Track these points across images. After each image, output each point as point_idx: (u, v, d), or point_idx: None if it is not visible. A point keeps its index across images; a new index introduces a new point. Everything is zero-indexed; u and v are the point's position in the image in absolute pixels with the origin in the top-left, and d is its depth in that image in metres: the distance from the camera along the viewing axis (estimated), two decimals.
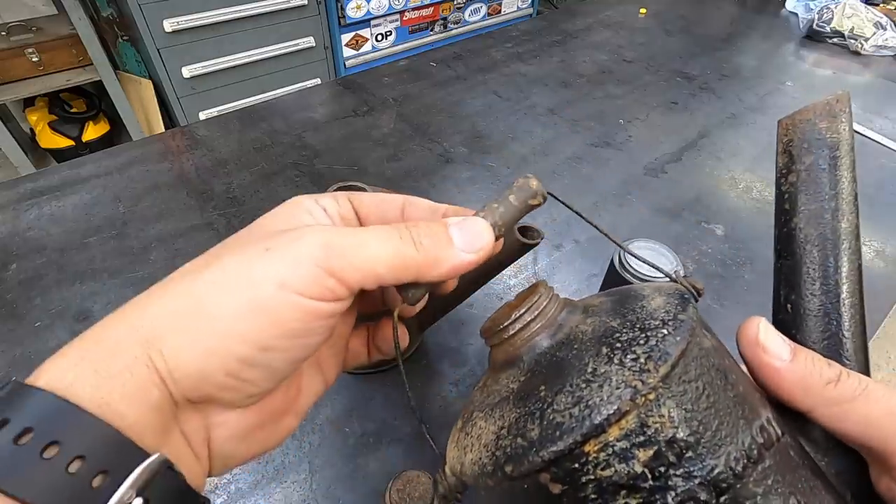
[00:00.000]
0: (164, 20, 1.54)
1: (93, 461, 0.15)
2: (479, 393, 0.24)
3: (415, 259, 0.19)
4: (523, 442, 0.18)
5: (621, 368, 0.17)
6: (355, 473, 0.41)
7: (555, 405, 0.18)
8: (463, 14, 2.22)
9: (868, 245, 0.64)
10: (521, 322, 0.22)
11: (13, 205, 0.67)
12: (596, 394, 0.17)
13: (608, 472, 0.16)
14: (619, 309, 0.21)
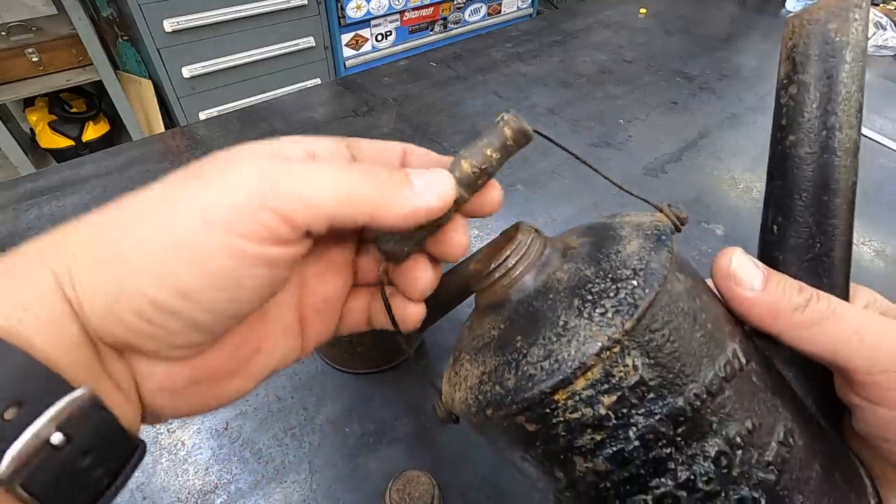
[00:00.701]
0: (164, 20, 1.54)
1: (4, 392, 0.13)
2: (466, 333, 0.24)
3: (368, 196, 0.17)
4: (501, 390, 0.19)
5: (589, 323, 0.18)
6: (355, 473, 0.41)
7: (528, 357, 0.19)
8: (463, 14, 2.22)
9: (868, 245, 0.64)
10: (503, 269, 0.22)
11: (13, 205, 0.67)
12: (564, 348, 0.18)
13: (576, 415, 0.18)
14: (595, 254, 0.21)
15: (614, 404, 0.18)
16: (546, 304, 0.20)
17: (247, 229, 0.15)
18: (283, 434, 0.44)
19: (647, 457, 0.18)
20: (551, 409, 0.18)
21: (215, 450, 0.43)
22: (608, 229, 0.22)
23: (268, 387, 0.47)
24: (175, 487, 0.40)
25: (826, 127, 0.20)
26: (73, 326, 0.15)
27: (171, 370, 0.17)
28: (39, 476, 0.13)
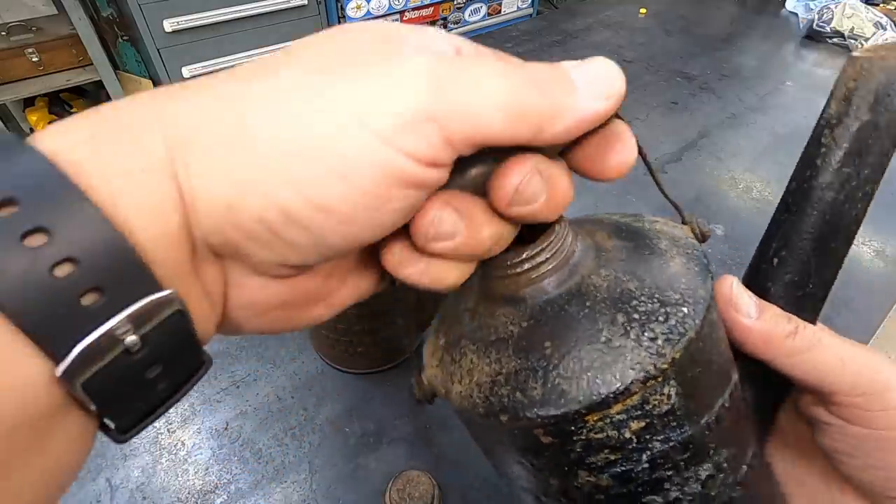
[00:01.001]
0: (164, 20, 1.54)
1: (88, 272, 0.11)
2: (468, 318, 0.21)
3: (536, 107, 0.13)
4: (523, 398, 0.18)
5: (637, 346, 0.17)
6: (355, 473, 0.41)
7: (561, 369, 0.18)
8: (463, 14, 2.22)
9: (868, 245, 0.64)
10: (532, 262, 0.19)
11: None
12: (608, 369, 0.17)
13: (599, 435, 0.18)
14: (636, 266, 0.20)
15: (641, 430, 0.18)
16: (583, 311, 0.18)
17: (409, 145, 0.13)
18: (283, 434, 0.44)
19: (649, 477, 0.18)
20: (578, 427, 0.18)
21: (215, 450, 0.43)
22: (643, 237, 0.21)
23: (268, 387, 0.47)
24: (175, 487, 0.40)
25: (859, 178, 0.20)
26: (175, 215, 0.12)
27: (268, 287, 0.15)
28: (103, 379, 0.11)
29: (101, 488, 0.40)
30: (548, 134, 0.14)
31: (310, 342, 0.50)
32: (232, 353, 0.50)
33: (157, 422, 0.44)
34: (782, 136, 0.84)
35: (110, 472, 0.41)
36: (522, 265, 0.19)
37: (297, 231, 0.13)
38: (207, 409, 0.45)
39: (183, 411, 0.45)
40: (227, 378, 0.48)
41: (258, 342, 0.51)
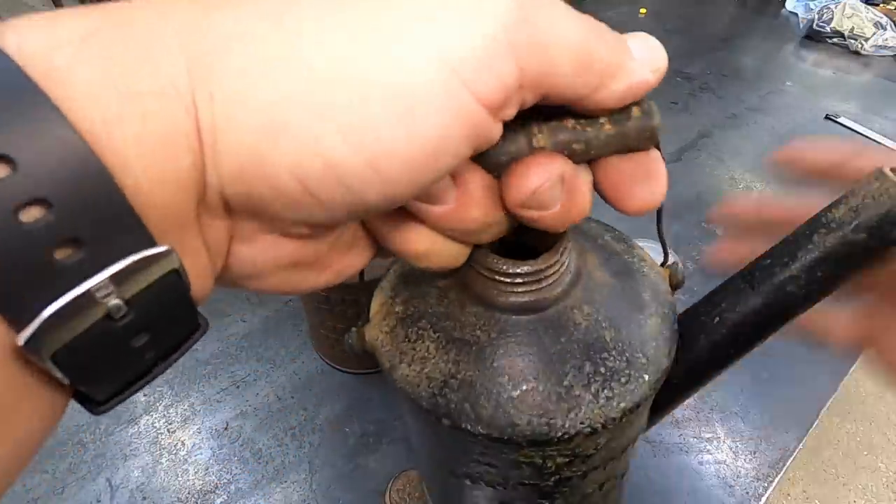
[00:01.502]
0: None
1: (62, 218, 0.09)
2: (435, 297, 0.21)
3: (603, 59, 0.12)
4: (471, 412, 0.18)
5: (594, 402, 0.18)
6: (355, 473, 0.41)
7: (517, 399, 0.18)
8: None
9: None
10: (525, 278, 0.19)
11: None
12: (561, 416, 0.18)
13: (525, 460, 0.19)
14: (617, 310, 0.20)
15: (563, 463, 0.20)
16: (555, 346, 0.19)
17: (482, 85, 0.11)
18: (283, 434, 0.44)
19: (550, 490, 0.22)
20: (507, 450, 0.19)
21: (215, 450, 0.43)
22: (630, 277, 0.21)
23: (268, 387, 0.47)
24: (175, 487, 0.40)
25: (823, 283, 0.19)
26: (187, 156, 0.10)
27: (279, 245, 0.13)
28: (78, 348, 0.09)
29: (101, 488, 0.40)
30: (605, 92, 0.12)
31: (310, 342, 0.50)
32: (232, 353, 0.50)
33: (158, 422, 0.44)
34: (782, 137, 0.84)
35: (110, 472, 0.41)
36: (515, 277, 0.19)
37: (335, 187, 0.11)
38: (207, 409, 0.45)
39: (183, 411, 0.45)
40: (227, 378, 0.48)
41: (258, 342, 0.51)
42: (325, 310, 0.41)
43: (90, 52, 0.09)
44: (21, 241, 0.08)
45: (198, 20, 0.10)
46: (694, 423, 0.45)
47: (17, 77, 0.08)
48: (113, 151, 0.09)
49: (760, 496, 0.40)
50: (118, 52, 0.09)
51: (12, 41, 0.08)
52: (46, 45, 0.09)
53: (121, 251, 0.09)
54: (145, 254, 0.09)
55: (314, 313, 0.43)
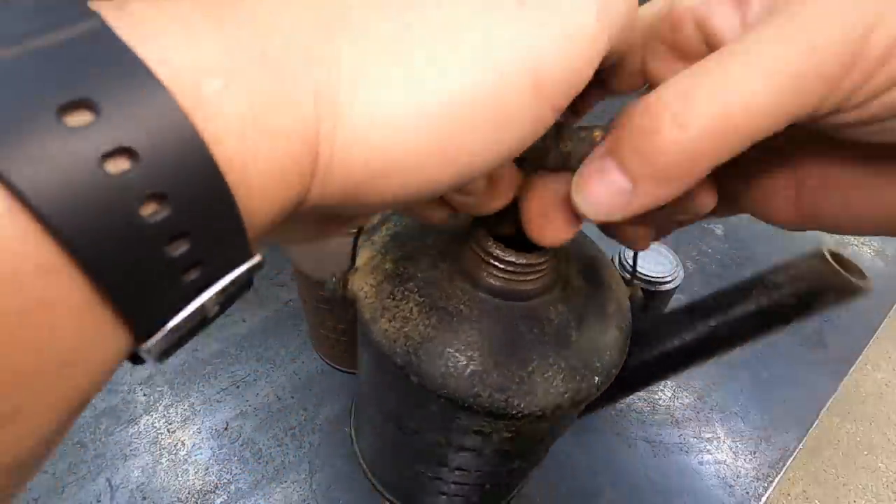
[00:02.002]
0: None
1: (196, 244, 0.09)
2: (427, 261, 0.22)
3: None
4: (439, 376, 0.20)
5: (547, 391, 0.20)
6: (355, 473, 0.41)
7: (482, 371, 0.20)
8: None
9: (868, 245, 0.64)
10: (519, 268, 0.20)
11: None
12: (520, 396, 0.20)
13: (475, 427, 0.22)
14: (585, 315, 0.22)
15: (505, 439, 0.22)
16: (530, 334, 0.21)
17: (561, 98, 0.11)
18: (283, 434, 0.44)
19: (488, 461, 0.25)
20: (462, 416, 0.21)
21: (215, 450, 0.43)
22: (602, 288, 0.24)
23: (268, 387, 0.47)
24: (175, 487, 0.40)
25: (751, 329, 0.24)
26: (299, 188, 0.10)
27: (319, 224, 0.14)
28: (175, 345, 0.10)
29: (101, 488, 0.40)
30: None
31: (310, 342, 0.50)
32: (232, 353, 0.50)
33: (158, 422, 0.44)
34: None
35: (110, 472, 0.41)
36: (507, 265, 0.20)
37: (412, 197, 0.11)
38: (207, 409, 0.45)
39: (183, 411, 0.45)
40: (227, 378, 0.48)
41: (258, 342, 0.51)
42: (325, 310, 0.41)
43: (237, 85, 0.09)
44: (159, 266, 0.08)
45: (322, 47, 0.10)
46: (694, 423, 0.45)
47: (169, 108, 0.08)
48: (243, 184, 0.09)
49: (760, 496, 0.40)
50: (260, 85, 0.09)
51: (153, 53, 0.08)
52: (193, 68, 0.08)
53: (230, 264, 0.09)
54: (247, 265, 0.10)
55: (314, 313, 0.43)
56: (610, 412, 0.46)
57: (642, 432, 0.44)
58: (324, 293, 0.39)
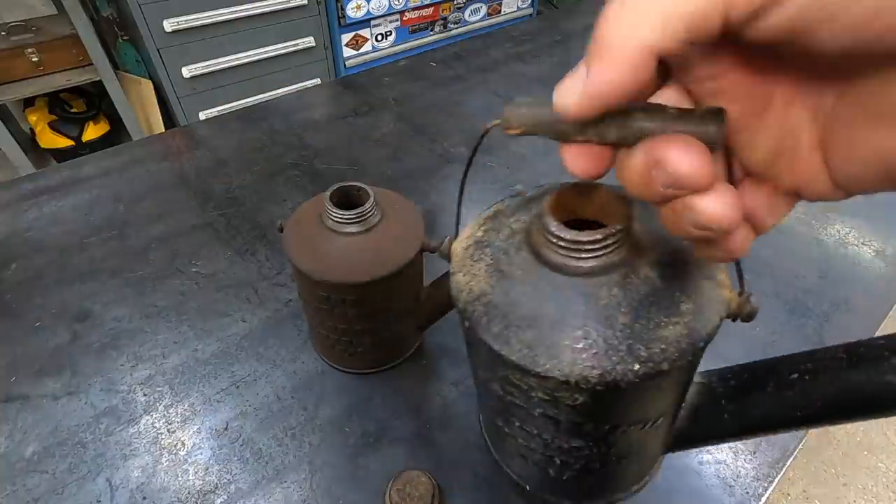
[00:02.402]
0: (164, 20, 1.54)
1: None
2: (505, 234, 0.26)
3: None
4: (485, 324, 0.23)
5: (574, 361, 0.21)
6: (355, 473, 0.41)
7: (521, 328, 0.22)
8: (463, 14, 2.22)
9: (868, 245, 0.64)
10: (576, 245, 0.22)
11: (13, 205, 0.67)
12: (541, 354, 0.22)
13: (511, 377, 0.24)
14: (645, 304, 0.22)
15: (542, 400, 0.24)
16: (573, 306, 0.22)
17: None
18: (283, 434, 0.44)
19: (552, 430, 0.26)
20: (499, 365, 0.23)
21: (215, 450, 0.43)
22: (678, 283, 0.23)
23: (268, 387, 0.47)
24: (175, 487, 0.40)
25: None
26: None
27: None
28: None
29: (101, 488, 0.40)
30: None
31: (310, 342, 0.50)
32: (232, 353, 0.50)
33: (158, 422, 0.44)
34: None
35: (110, 472, 0.41)
36: (563, 242, 0.22)
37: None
38: (207, 409, 0.45)
39: (183, 411, 0.45)
40: (227, 378, 0.48)
41: (258, 342, 0.51)
42: (326, 310, 0.41)
43: None
44: None
45: None
46: None
47: None
48: None
49: (760, 496, 0.40)
50: None
51: None
52: None
53: None
54: None
55: (315, 314, 0.43)
56: None
57: None
58: (323, 293, 0.39)
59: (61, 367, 0.48)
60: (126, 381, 0.47)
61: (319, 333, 0.45)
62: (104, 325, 0.52)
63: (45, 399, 0.46)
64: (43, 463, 0.42)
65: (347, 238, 0.38)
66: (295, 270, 0.40)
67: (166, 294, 0.55)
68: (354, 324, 0.42)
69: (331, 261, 0.38)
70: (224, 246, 0.60)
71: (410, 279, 0.41)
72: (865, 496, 1.20)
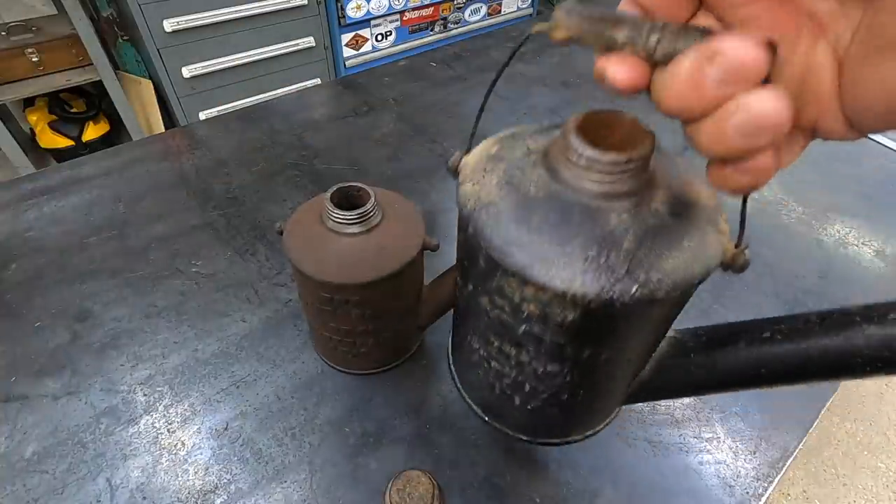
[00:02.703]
0: (164, 20, 1.54)
1: None
2: (519, 152, 0.26)
3: None
4: (481, 226, 0.23)
5: (572, 275, 0.21)
6: (355, 473, 0.41)
7: (519, 234, 0.23)
8: (463, 14, 2.22)
9: (868, 245, 0.64)
10: (596, 165, 0.22)
11: (13, 205, 0.67)
12: (540, 264, 0.22)
13: (505, 285, 0.24)
14: (652, 236, 0.22)
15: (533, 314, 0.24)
16: (581, 225, 0.22)
17: None
18: (283, 434, 0.44)
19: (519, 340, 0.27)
20: (494, 271, 0.24)
21: (215, 450, 0.43)
22: (685, 224, 0.23)
23: (268, 387, 0.47)
24: (175, 487, 0.40)
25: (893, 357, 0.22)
26: None
27: None
28: None
29: (101, 488, 0.40)
30: None
31: (310, 342, 0.50)
32: (232, 353, 0.50)
33: (158, 422, 0.44)
34: None
35: (110, 472, 0.41)
36: (581, 160, 0.22)
37: None
38: (207, 409, 0.45)
39: (183, 411, 0.45)
40: (227, 378, 0.48)
41: (258, 342, 0.51)
42: (328, 312, 0.41)
43: None
44: None
45: None
46: (694, 423, 0.45)
47: None
48: None
49: (760, 496, 0.40)
50: None
51: None
52: None
53: None
54: None
55: (316, 315, 0.43)
56: None
57: (642, 432, 0.44)
58: (326, 294, 0.39)
59: (61, 367, 0.48)
60: (126, 381, 0.47)
61: (322, 336, 0.45)
62: (104, 325, 0.52)
63: (45, 399, 0.46)
64: (43, 463, 0.42)
65: (349, 239, 0.38)
66: (296, 272, 0.40)
67: (166, 294, 0.55)
68: (357, 324, 0.42)
69: (333, 262, 0.38)
70: (224, 246, 0.60)
71: (412, 278, 0.41)
72: (865, 496, 1.20)
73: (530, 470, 0.42)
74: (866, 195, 0.72)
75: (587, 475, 0.41)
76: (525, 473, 0.41)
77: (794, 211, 0.69)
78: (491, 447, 0.43)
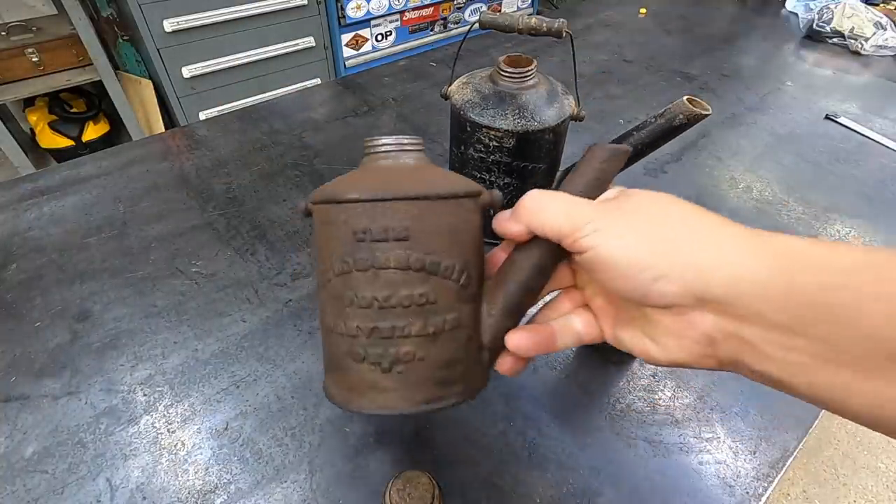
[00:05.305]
0: (164, 20, 1.54)
1: None
2: (477, 76, 0.56)
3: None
4: (462, 106, 0.52)
5: (505, 120, 0.51)
6: (355, 473, 0.41)
7: (484, 106, 0.51)
8: (463, 14, 2.22)
9: (868, 245, 0.64)
10: (514, 76, 0.51)
11: (13, 205, 0.67)
12: (488, 117, 0.51)
13: (483, 135, 0.52)
14: (544, 100, 0.54)
15: (489, 147, 0.53)
16: (510, 102, 0.52)
17: None
18: (283, 434, 0.44)
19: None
20: (470, 130, 0.52)
21: (215, 450, 0.43)
22: (559, 91, 0.51)
23: (268, 387, 0.47)
24: (175, 487, 0.40)
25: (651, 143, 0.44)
26: None
27: None
28: None
29: (101, 488, 0.40)
30: None
31: (310, 342, 0.50)
32: (232, 353, 0.50)
33: (158, 422, 0.44)
34: (782, 136, 0.84)
35: (110, 472, 0.41)
36: (505, 73, 0.51)
37: None
38: (207, 409, 0.45)
39: (183, 411, 0.45)
40: (227, 378, 0.48)
41: (258, 342, 0.51)
42: (360, 270, 0.37)
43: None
44: None
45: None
46: (694, 423, 0.45)
47: None
48: None
49: (760, 496, 0.40)
50: None
51: None
52: None
53: None
54: None
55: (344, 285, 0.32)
56: (610, 412, 0.46)
57: (642, 432, 0.44)
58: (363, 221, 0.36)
59: (61, 367, 0.48)
60: (126, 381, 0.47)
61: (342, 338, 0.30)
62: (104, 325, 0.52)
63: (45, 399, 0.46)
64: (43, 463, 0.42)
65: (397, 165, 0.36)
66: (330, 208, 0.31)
67: (166, 294, 0.55)
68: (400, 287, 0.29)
69: (377, 184, 0.32)
70: (224, 246, 0.60)
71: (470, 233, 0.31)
72: (865, 496, 1.20)
73: (530, 470, 0.42)
74: (866, 195, 0.72)
75: (587, 475, 0.41)
76: (525, 473, 0.41)
77: (794, 211, 0.69)
78: (491, 447, 0.43)
